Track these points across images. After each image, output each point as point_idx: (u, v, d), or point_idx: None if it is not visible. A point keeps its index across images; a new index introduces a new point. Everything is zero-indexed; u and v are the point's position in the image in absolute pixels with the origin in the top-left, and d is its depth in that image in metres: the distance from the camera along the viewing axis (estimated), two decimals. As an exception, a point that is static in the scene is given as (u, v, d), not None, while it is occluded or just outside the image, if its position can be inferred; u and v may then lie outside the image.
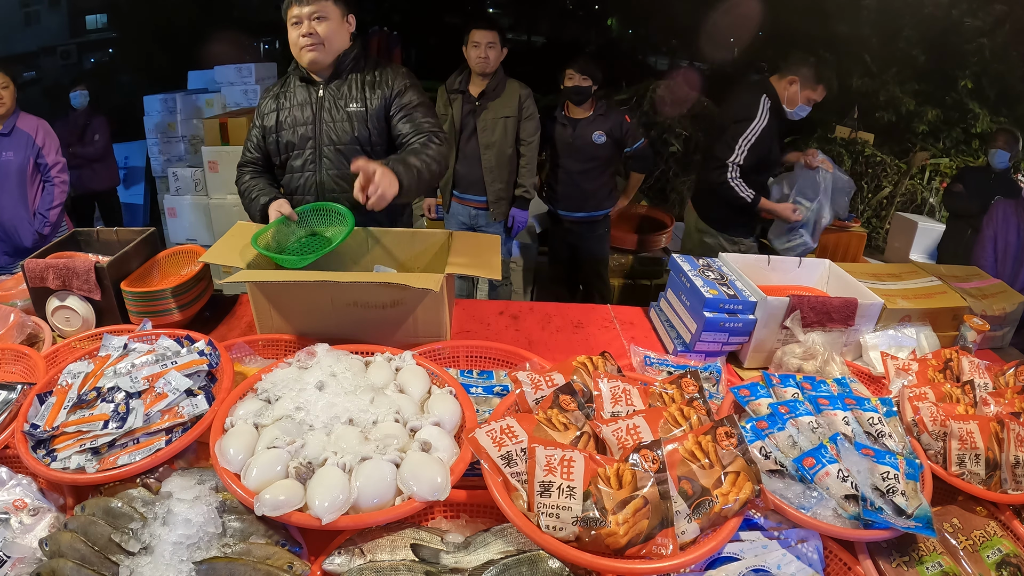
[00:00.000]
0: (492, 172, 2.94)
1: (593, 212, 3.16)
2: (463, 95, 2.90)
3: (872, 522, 1.02)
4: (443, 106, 2.94)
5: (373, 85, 1.84)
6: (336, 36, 1.77)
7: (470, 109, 2.90)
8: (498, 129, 2.89)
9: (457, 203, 3.09)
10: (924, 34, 5.72)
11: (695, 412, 1.16)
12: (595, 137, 2.97)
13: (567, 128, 3.01)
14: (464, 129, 2.93)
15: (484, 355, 1.56)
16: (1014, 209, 2.46)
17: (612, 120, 2.98)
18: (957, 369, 1.50)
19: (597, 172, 3.07)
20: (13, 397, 1.24)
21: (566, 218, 3.20)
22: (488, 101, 2.87)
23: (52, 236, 2.98)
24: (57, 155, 2.96)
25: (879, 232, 5.24)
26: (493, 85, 2.85)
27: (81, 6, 8.27)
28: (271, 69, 4.83)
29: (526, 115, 2.91)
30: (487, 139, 2.90)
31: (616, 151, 3.05)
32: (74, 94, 4.31)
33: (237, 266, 1.56)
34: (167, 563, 0.95)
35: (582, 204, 3.13)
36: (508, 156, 2.94)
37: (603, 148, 3.00)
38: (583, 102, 2.94)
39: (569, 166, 3.06)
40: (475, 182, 2.99)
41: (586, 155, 3.01)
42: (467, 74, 2.90)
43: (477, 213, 3.06)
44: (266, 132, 1.90)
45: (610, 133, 2.97)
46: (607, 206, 3.20)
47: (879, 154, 5.45)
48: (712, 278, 1.70)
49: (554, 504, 0.96)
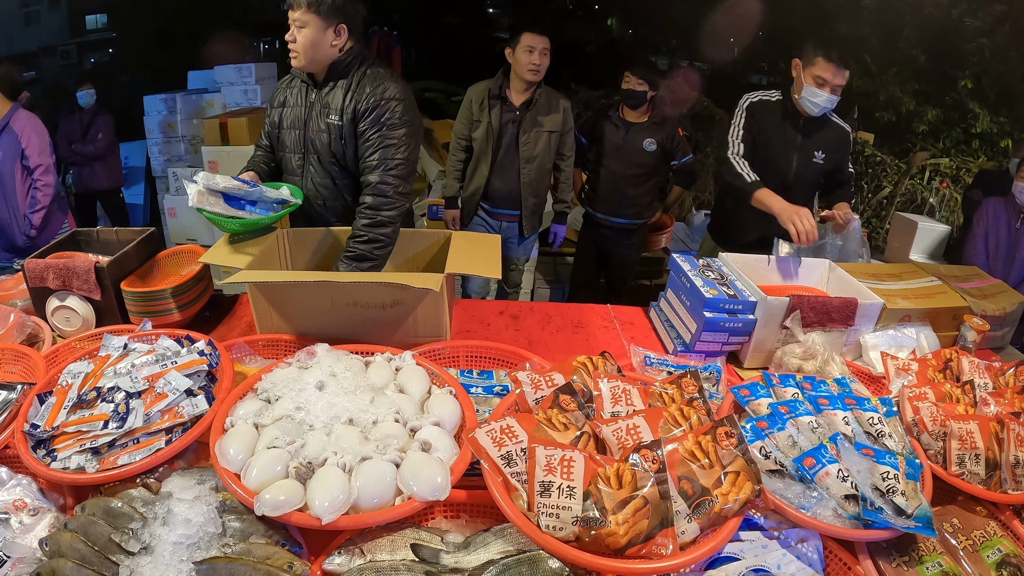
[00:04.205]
0: (530, 187, 2.82)
1: (632, 220, 3.08)
2: (503, 102, 2.72)
3: (872, 522, 1.02)
4: (477, 111, 2.76)
5: (351, 95, 1.76)
6: (315, 46, 1.71)
7: (511, 119, 2.72)
8: (541, 143, 2.75)
9: (485, 216, 2.93)
10: (924, 34, 5.72)
11: (695, 412, 1.16)
12: (646, 144, 2.90)
13: (619, 130, 2.93)
14: (502, 139, 2.75)
15: (484, 355, 1.56)
16: (1004, 206, 2.47)
17: (665, 130, 2.91)
18: (957, 369, 1.50)
19: (642, 179, 2.99)
20: (13, 397, 1.24)
21: (603, 222, 3.11)
22: (531, 112, 2.71)
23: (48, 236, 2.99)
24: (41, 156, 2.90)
25: (879, 232, 5.24)
26: (537, 95, 2.69)
27: (81, 6, 8.27)
28: (271, 69, 4.83)
29: (567, 128, 2.80)
30: (529, 152, 2.75)
31: (664, 162, 2.98)
32: (80, 93, 4.32)
33: (237, 266, 1.56)
34: (167, 563, 0.95)
35: (622, 210, 3.05)
36: (548, 171, 2.84)
37: (652, 156, 2.92)
38: (638, 106, 2.86)
39: (615, 168, 2.97)
40: (510, 196, 2.84)
41: (634, 160, 2.93)
42: (507, 80, 2.71)
43: (507, 227, 2.93)
44: (273, 126, 1.92)
45: (661, 143, 2.90)
46: (646, 216, 3.14)
47: (879, 154, 5.45)
48: (712, 278, 1.70)
49: (554, 504, 0.96)
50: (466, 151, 2.86)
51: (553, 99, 2.75)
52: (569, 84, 6.95)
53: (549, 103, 2.73)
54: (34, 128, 2.92)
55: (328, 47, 1.73)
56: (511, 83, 2.71)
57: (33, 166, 2.90)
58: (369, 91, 1.74)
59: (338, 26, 1.72)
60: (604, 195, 3.07)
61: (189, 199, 1.59)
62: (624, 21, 9.82)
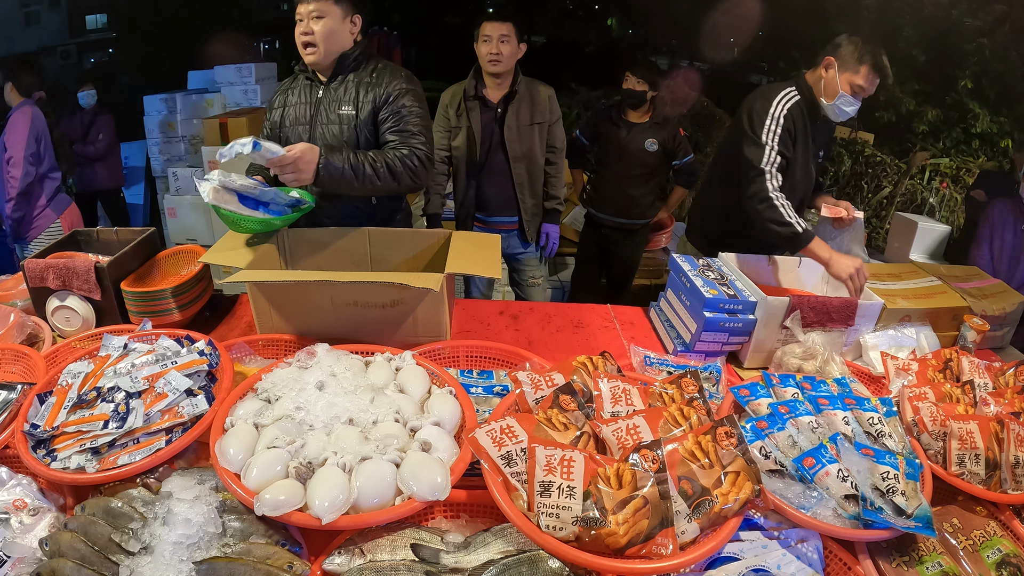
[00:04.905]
0: (525, 187, 2.59)
1: (634, 220, 3.06)
2: (480, 102, 2.52)
3: (872, 522, 1.02)
4: (455, 117, 2.56)
5: (368, 87, 1.79)
6: (334, 36, 1.75)
7: (491, 118, 2.52)
8: (528, 137, 2.54)
9: (481, 228, 2.71)
10: (924, 34, 5.72)
11: (695, 412, 1.16)
12: (648, 144, 2.87)
13: (621, 130, 2.90)
14: (486, 142, 2.54)
15: (484, 355, 1.56)
16: (1011, 208, 2.47)
17: (667, 131, 2.89)
18: (957, 369, 1.50)
19: (644, 179, 2.97)
20: (13, 397, 1.24)
21: (605, 222, 3.09)
22: (512, 107, 2.49)
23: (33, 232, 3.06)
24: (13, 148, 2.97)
25: (879, 232, 5.24)
26: (515, 88, 2.49)
27: (81, 6, 8.29)
28: (271, 69, 4.83)
29: (555, 118, 2.58)
30: (517, 150, 2.53)
31: (665, 162, 2.96)
32: (81, 94, 4.34)
33: (237, 266, 1.56)
34: (167, 563, 0.95)
35: (624, 210, 3.03)
36: (540, 166, 2.61)
37: (653, 156, 2.90)
38: (638, 106, 2.85)
39: (617, 169, 2.95)
40: (505, 201, 2.62)
41: (635, 160, 2.91)
42: (482, 77, 2.52)
43: (507, 236, 2.66)
44: (273, 127, 1.92)
45: (663, 143, 2.88)
46: (649, 216, 3.11)
47: (879, 154, 5.45)
48: (712, 278, 1.70)
49: (554, 504, 0.96)
50: (447, 163, 2.65)
51: (534, 89, 2.54)
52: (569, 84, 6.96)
53: (531, 94, 2.53)
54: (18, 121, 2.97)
55: (346, 36, 1.78)
56: (485, 81, 2.52)
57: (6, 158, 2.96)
58: (388, 79, 1.79)
59: (354, 15, 1.77)
60: (606, 196, 3.06)
61: (204, 195, 1.55)
62: (624, 21, 9.83)
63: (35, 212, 3.15)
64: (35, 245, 3.16)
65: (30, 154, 3.00)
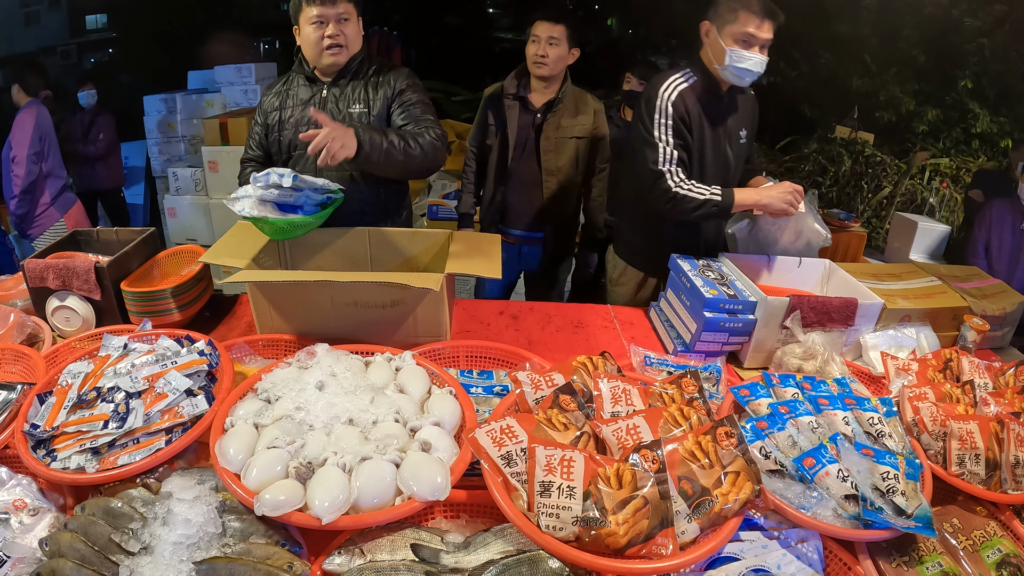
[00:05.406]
0: (556, 202, 2.44)
1: None
2: (521, 103, 2.38)
3: (872, 522, 1.02)
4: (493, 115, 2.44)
5: (376, 86, 1.84)
6: (356, 38, 1.80)
7: (529, 122, 2.38)
8: (567, 152, 2.40)
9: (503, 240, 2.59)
10: (924, 34, 5.72)
11: (695, 412, 1.16)
12: None
13: (621, 131, 2.79)
14: (519, 146, 2.40)
15: (484, 355, 1.56)
16: (1009, 208, 2.47)
17: None
18: (957, 369, 1.50)
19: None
20: (13, 397, 1.24)
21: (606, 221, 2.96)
22: (554, 115, 2.35)
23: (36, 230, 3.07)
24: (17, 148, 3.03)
25: (879, 232, 5.24)
26: (561, 96, 2.35)
27: (81, 6, 8.30)
28: (271, 69, 4.83)
29: (599, 135, 2.43)
30: (552, 163, 2.39)
31: None
32: (82, 94, 4.35)
33: (237, 266, 1.56)
34: (167, 563, 0.95)
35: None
36: (576, 185, 2.48)
37: None
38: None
39: (617, 169, 2.83)
40: (530, 213, 2.47)
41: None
42: (528, 78, 2.39)
43: (528, 250, 2.54)
44: (268, 130, 1.90)
45: None
46: None
47: (879, 154, 5.45)
48: (712, 278, 1.70)
49: (554, 504, 0.96)
50: (479, 161, 2.55)
51: (582, 100, 2.41)
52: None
53: (576, 104, 2.38)
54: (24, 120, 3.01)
55: (360, 38, 1.83)
56: (531, 82, 2.39)
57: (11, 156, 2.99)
58: (394, 77, 1.85)
59: (360, 17, 1.82)
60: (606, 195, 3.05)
61: (242, 211, 1.54)
62: (624, 21, 9.82)
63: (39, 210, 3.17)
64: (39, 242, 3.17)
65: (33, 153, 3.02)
